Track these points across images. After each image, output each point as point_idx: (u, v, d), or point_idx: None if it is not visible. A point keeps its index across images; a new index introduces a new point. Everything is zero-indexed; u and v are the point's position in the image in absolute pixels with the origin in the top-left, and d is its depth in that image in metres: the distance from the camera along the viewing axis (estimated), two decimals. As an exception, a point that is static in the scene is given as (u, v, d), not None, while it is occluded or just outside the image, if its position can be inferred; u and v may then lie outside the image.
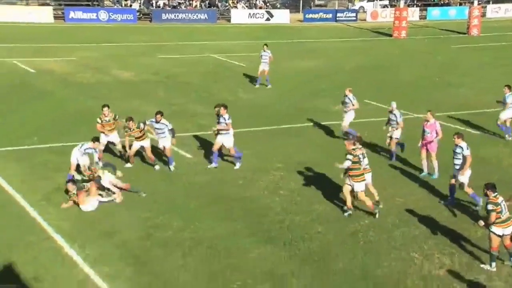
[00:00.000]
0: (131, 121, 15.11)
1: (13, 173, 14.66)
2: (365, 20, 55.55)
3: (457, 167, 13.35)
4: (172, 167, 15.44)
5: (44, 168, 15.00)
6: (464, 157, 13.20)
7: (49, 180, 14.30)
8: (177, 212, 13.04)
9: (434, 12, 57.56)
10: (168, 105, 21.87)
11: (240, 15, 51.80)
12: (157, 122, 15.15)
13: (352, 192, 12.99)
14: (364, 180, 12.95)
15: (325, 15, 54.94)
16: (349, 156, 12.68)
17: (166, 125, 15.21)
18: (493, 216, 10.60)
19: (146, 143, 15.35)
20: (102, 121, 15.42)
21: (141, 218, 12.71)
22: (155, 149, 15.78)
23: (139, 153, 15.81)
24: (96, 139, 14.18)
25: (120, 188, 13.48)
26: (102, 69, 28.43)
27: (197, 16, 50.29)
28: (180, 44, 38.15)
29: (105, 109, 15.40)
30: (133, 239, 11.78)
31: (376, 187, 13.66)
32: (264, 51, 25.51)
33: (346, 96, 18.07)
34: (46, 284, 10.10)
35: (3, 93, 22.69)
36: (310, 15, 54.34)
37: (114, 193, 13.30)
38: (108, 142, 15.76)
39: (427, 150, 15.28)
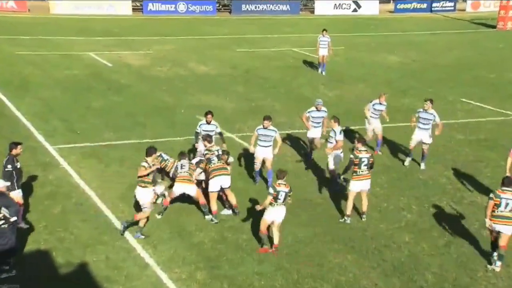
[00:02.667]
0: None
1: (88, 170, 15.20)
2: (464, 10, 54.02)
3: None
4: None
5: (120, 165, 15.49)
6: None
7: (124, 178, 14.65)
8: (254, 215, 13.13)
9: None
10: (246, 101, 22.11)
11: (324, 6, 51.52)
12: (264, 128, 14.30)
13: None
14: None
15: (419, 5, 53.88)
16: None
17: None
18: None
19: None
20: None
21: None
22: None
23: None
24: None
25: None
26: (179, 63, 29.10)
27: (278, 7, 50.50)
28: (260, 37, 38.44)
29: None
30: (207, 242, 11.98)
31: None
32: (323, 36, 26.66)
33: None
34: (118, 285, 10.45)
35: (80, 87, 23.65)
36: (402, 5, 53.50)
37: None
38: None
39: None
